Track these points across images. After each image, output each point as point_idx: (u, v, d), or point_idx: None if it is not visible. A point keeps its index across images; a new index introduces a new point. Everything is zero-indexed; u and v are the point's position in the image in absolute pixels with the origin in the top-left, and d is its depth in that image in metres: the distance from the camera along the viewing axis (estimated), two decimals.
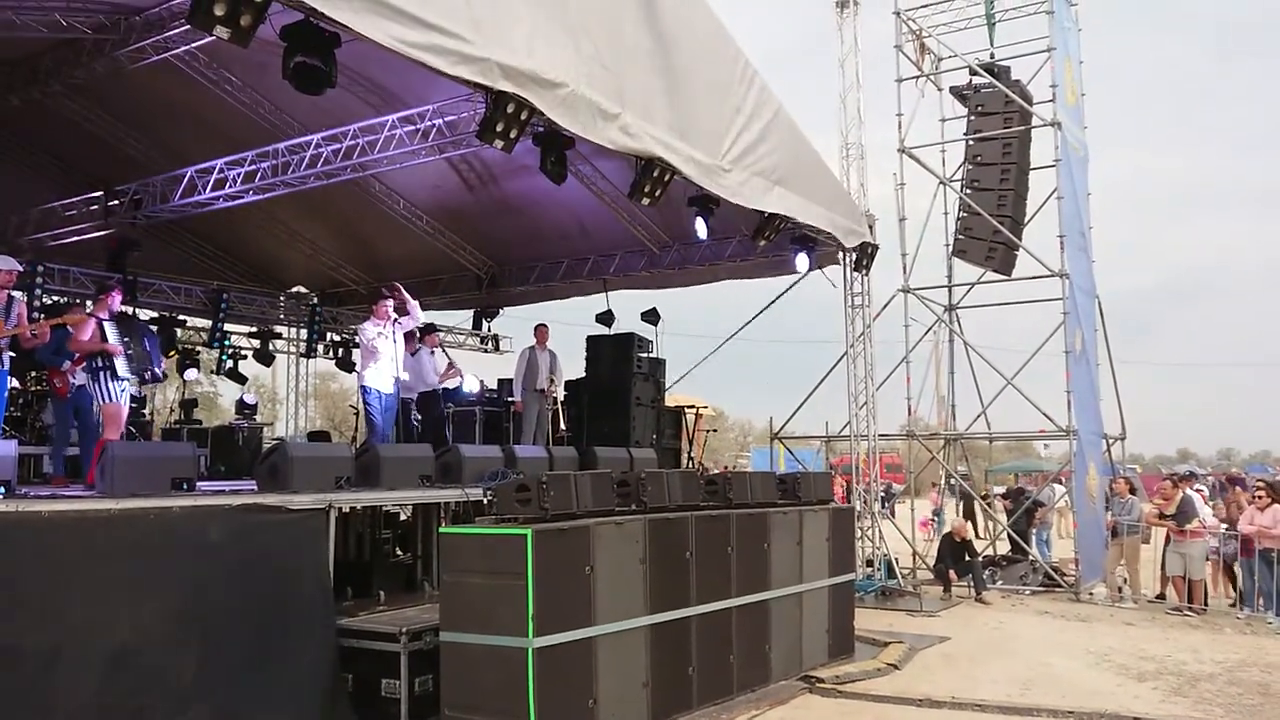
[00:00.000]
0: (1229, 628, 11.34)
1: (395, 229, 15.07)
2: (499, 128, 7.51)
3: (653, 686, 6.70)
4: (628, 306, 15.37)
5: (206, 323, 16.45)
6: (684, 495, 7.53)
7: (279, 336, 17.91)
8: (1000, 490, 21.47)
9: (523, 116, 7.54)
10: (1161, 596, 13.01)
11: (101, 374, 8.24)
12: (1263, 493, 12.13)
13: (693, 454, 15.72)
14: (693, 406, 16.16)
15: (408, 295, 10.53)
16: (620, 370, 14.04)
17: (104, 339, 8.21)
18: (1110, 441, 16.64)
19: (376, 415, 10.11)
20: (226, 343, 16.93)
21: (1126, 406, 17.00)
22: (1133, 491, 14.10)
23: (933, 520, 18.81)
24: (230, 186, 11.61)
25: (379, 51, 6.59)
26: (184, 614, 5.74)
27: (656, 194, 9.12)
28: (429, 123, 10.42)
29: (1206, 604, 12.39)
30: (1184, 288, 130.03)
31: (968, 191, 15.67)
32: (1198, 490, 14.94)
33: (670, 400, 15.46)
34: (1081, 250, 15.52)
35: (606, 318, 14.98)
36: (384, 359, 10.10)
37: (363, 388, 10.28)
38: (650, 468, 9.70)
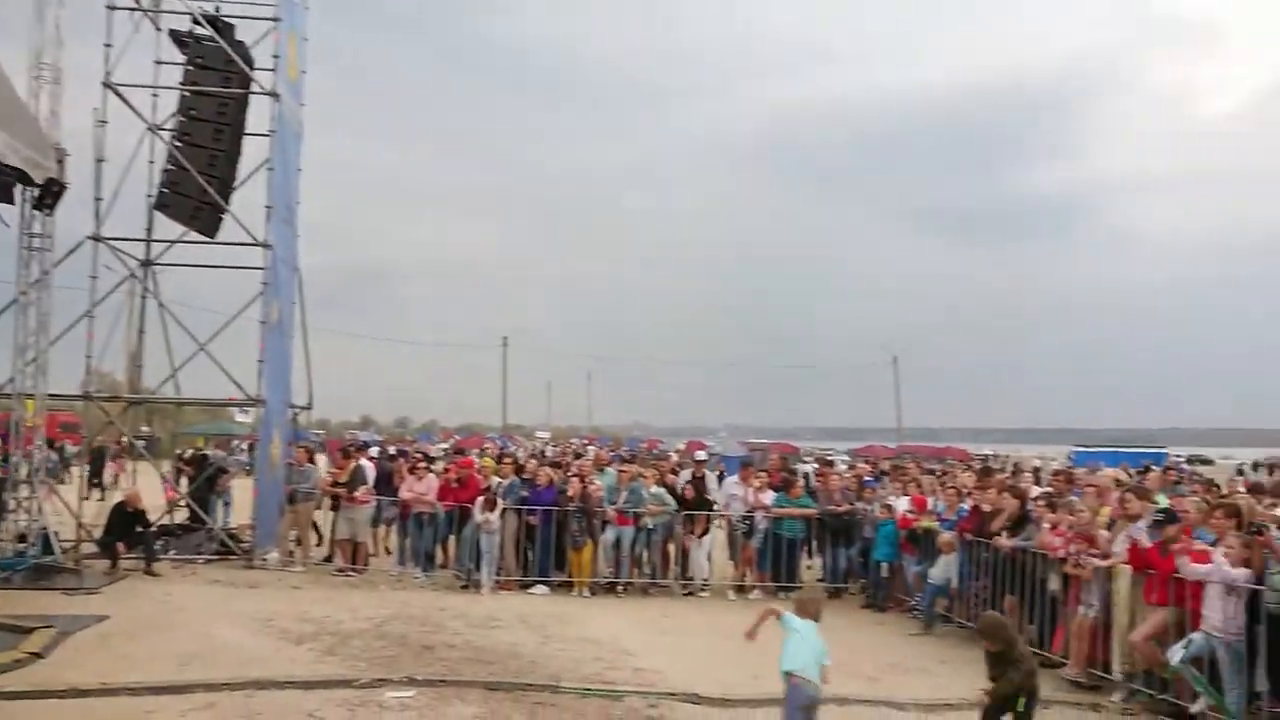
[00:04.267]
0: (384, 584, 12.60)
1: None
2: None
3: None
4: None
5: None
6: None
7: None
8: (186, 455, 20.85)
9: None
10: (330, 558, 13.88)
11: None
12: (421, 463, 13.85)
13: None
14: None
15: None
16: None
17: None
18: (297, 411, 17.26)
19: None
20: None
21: (316, 375, 17.80)
22: (312, 459, 14.81)
23: None
24: None
25: None
26: None
27: None
28: None
29: (368, 564, 13.59)
30: (376, 268, 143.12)
31: (178, 144, 14.92)
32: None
33: None
34: (288, 224, 15.79)
35: None
36: None
37: None
38: None
